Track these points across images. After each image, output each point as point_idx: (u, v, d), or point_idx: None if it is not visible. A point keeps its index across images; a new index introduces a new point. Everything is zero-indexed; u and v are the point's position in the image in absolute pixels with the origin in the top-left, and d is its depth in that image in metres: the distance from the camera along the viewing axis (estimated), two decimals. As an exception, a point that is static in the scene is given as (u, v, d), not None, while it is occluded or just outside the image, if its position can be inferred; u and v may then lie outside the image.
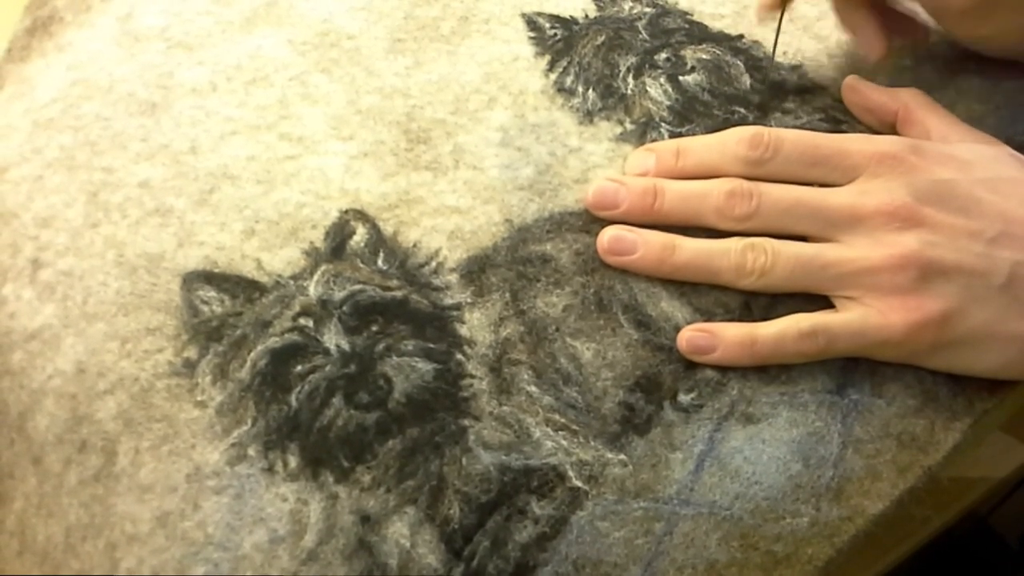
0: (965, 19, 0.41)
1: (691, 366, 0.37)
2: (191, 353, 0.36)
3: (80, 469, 0.34)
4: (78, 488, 0.34)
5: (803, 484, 0.36)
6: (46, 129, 0.42)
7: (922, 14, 0.44)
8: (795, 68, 0.46)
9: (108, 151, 0.41)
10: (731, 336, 0.37)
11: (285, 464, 0.34)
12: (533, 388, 0.36)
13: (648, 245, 0.38)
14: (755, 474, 0.35)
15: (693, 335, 0.37)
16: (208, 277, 0.38)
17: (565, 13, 0.48)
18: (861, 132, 0.43)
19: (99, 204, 0.39)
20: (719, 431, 0.36)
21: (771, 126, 0.43)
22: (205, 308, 0.37)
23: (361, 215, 0.40)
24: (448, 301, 0.38)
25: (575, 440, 0.35)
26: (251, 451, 0.34)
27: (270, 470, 0.34)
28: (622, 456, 0.35)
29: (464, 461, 0.34)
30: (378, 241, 0.39)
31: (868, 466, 0.36)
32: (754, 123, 0.44)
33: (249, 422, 0.35)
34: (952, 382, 0.38)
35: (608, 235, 0.39)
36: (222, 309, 0.37)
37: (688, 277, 0.38)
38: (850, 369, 0.38)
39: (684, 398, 0.37)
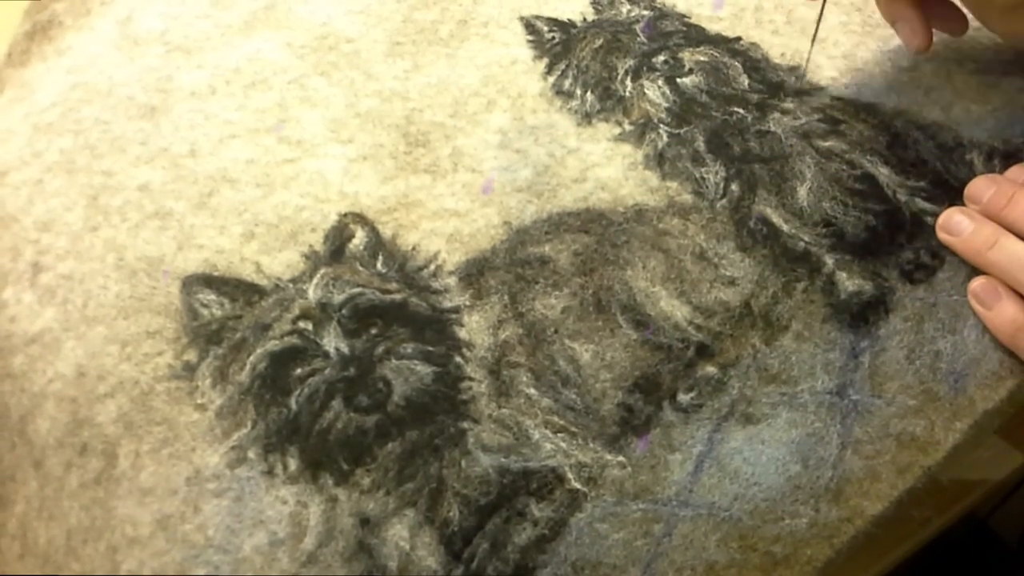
0: (1008, 16, 0.40)
1: (690, 365, 0.37)
2: (191, 356, 0.36)
3: (81, 472, 0.34)
4: (79, 491, 0.34)
5: (802, 485, 0.35)
6: (46, 133, 0.42)
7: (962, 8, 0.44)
8: (793, 69, 0.46)
9: (108, 155, 0.41)
10: (1009, 309, 0.37)
11: (285, 467, 0.34)
12: (532, 390, 0.36)
13: (974, 233, 0.39)
14: (754, 475, 0.35)
15: (980, 287, 0.38)
16: (208, 280, 0.38)
17: (563, 16, 0.48)
18: (859, 130, 0.43)
19: (99, 207, 0.39)
20: (718, 432, 0.36)
21: (768, 127, 0.43)
22: (205, 311, 0.37)
23: (360, 218, 0.40)
24: (447, 304, 0.38)
25: (574, 442, 0.35)
26: (251, 454, 0.34)
27: (270, 473, 0.34)
28: (621, 458, 0.35)
29: (463, 464, 0.34)
30: (377, 244, 0.39)
31: (867, 467, 0.36)
32: (751, 124, 0.44)
33: (249, 425, 0.35)
34: (953, 381, 0.37)
35: (946, 216, 0.40)
36: (222, 312, 0.37)
37: (997, 274, 0.38)
38: (850, 369, 0.38)
39: (683, 398, 0.37)
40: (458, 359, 0.37)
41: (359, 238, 0.40)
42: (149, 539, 0.32)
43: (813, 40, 0.45)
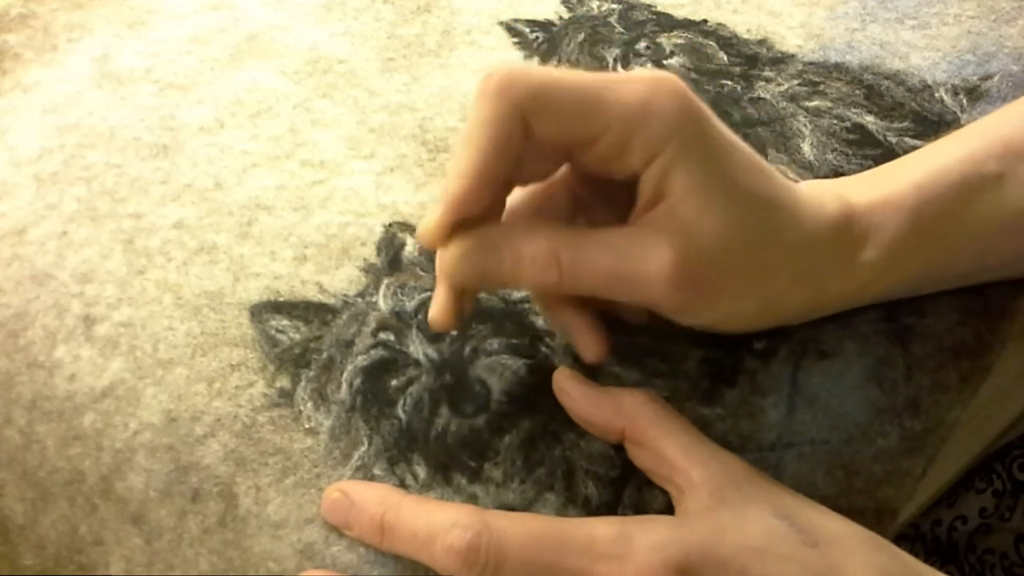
0: (683, 312, 0.34)
1: None
2: (283, 382, 0.34)
3: (200, 518, 0.32)
4: (202, 537, 0.31)
5: (884, 407, 0.38)
6: (54, 183, 0.39)
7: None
8: (762, 42, 0.49)
9: (130, 197, 0.39)
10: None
11: (415, 476, 0.33)
12: (617, 368, 0.37)
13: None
14: (841, 404, 0.37)
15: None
16: (276, 306, 0.36)
17: (539, 17, 0.50)
18: (837, 88, 0.47)
19: (138, 250, 0.37)
20: (799, 370, 0.38)
21: (758, 94, 0.46)
22: (283, 337, 0.36)
23: (406, 226, 0.40)
24: (516, 295, 0.38)
25: (673, 406, 0.36)
26: (377, 470, 0.33)
27: (402, 485, 0.33)
28: (719, 410, 0.36)
29: (582, 444, 0.34)
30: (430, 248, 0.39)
31: (934, 380, 0.39)
32: (742, 94, 0.46)
33: (366, 442, 0.33)
34: (983, 296, 0.41)
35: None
36: (300, 335, 0.36)
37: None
38: (893, 301, 0.40)
39: (757, 344, 0.38)
40: (544, 349, 0.37)
41: (410, 245, 0.39)
42: (297, 569, 0.31)
43: None
